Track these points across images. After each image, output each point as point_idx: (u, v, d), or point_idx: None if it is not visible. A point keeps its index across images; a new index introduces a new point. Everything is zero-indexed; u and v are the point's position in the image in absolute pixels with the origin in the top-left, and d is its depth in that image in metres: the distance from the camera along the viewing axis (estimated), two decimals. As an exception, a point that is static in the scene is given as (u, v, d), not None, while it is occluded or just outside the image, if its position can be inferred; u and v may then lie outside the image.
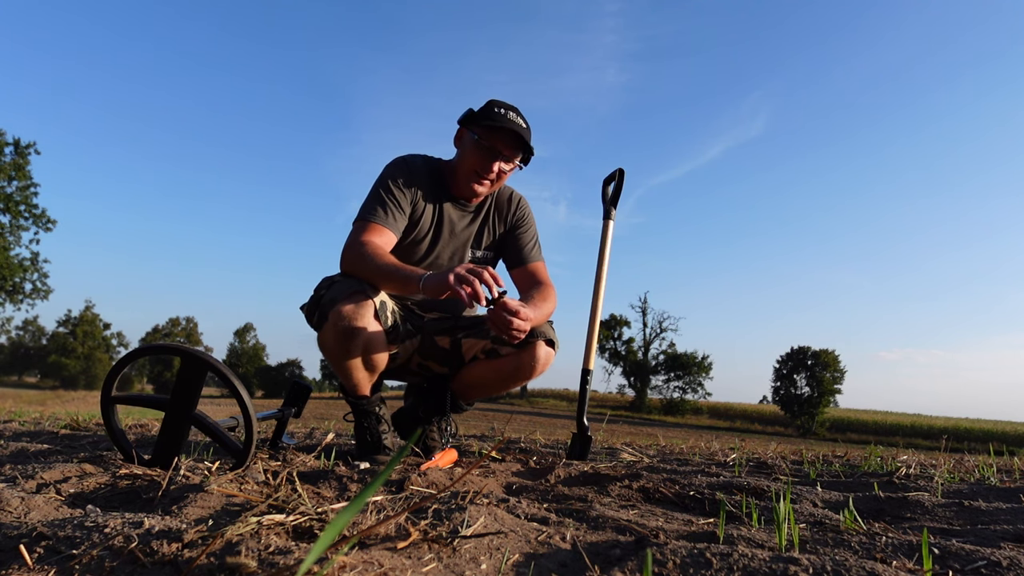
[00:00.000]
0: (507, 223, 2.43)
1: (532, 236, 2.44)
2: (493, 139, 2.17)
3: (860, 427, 43.04)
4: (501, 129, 2.16)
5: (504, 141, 2.18)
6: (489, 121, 2.14)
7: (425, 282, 1.82)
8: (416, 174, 2.23)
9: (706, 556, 0.87)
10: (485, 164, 2.18)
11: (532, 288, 2.33)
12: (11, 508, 1.04)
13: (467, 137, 2.21)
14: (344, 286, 2.00)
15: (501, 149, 2.18)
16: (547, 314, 2.24)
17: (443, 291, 1.76)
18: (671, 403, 53.22)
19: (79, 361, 59.82)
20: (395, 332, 2.17)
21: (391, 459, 0.69)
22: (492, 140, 2.17)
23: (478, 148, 2.17)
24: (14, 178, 35.15)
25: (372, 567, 0.74)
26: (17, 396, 20.90)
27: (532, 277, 2.37)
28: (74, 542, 0.76)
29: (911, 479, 2.08)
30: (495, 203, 2.41)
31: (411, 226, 2.25)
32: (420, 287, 1.83)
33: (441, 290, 1.77)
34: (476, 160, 2.18)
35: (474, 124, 2.18)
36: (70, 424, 3.32)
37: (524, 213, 2.45)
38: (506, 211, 2.42)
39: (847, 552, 1.02)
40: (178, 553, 0.73)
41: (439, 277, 1.80)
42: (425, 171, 2.26)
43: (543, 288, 2.33)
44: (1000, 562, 0.91)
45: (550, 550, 0.97)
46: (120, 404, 1.64)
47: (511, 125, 2.15)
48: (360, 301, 1.99)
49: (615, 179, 2.84)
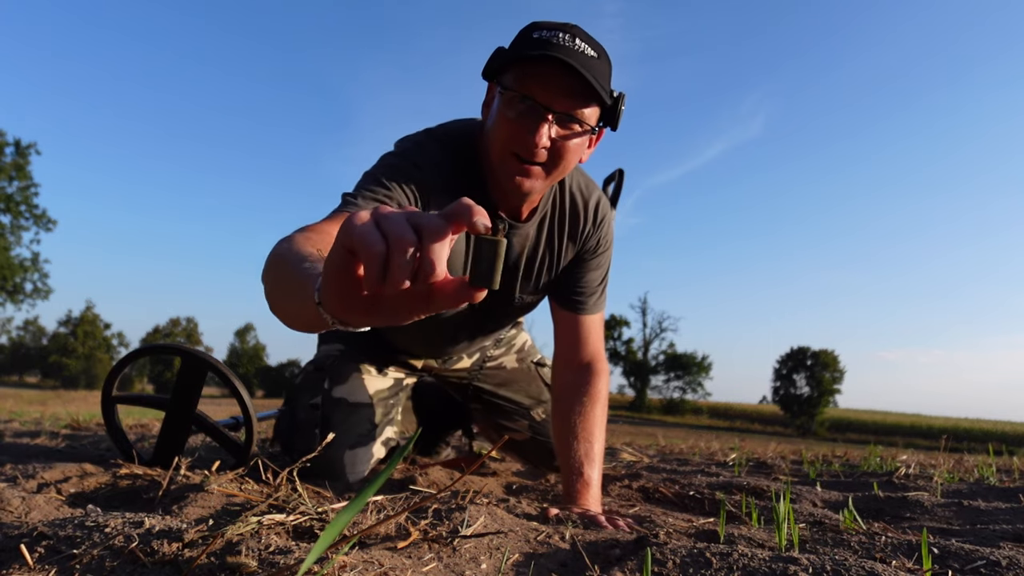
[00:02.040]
0: (578, 245, 1.52)
1: (603, 275, 1.58)
2: (530, 84, 1.20)
3: (860, 427, 43.03)
4: (544, 62, 1.18)
5: (552, 85, 1.20)
6: (525, 51, 1.20)
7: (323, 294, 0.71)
8: (430, 176, 1.33)
9: (706, 556, 0.87)
10: (521, 133, 1.22)
11: (579, 376, 1.52)
12: (12, 508, 1.04)
13: (496, 97, 1.27)
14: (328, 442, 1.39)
15: (548, 100, 1.20)
16: (601, 452, 1.49)
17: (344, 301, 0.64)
18: (671, 403, 53.26)
19: (79, 361, 59.83)
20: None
21: (391, 459, 0.69)
22: (529, 86, 1.20)
23: (509, 107, 1.23)
24: (15, 178, 35.18)
25: (372, 567, 0.75)
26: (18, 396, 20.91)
27: (582, 346, 1.55)
28: (75, 542, 0.76)
29: (911, 479, 2.08)
30: (559, 208, 1.48)
31: None
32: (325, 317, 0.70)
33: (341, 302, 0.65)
34: (507, 129, 1.24)
35: (505, 69, 1.24)
36: (71, 424, 3.32)
37: (605, 236, 1.55)
38: (581, 225, 1.50)
39: (847, 552, 1.02)
40: (179, 553, 0.73)
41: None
42: (449, 169, 1.37)
43: (595, 381, 1.52)
44: (999, 562, 0.91)
45: (550, 550, 0.97)
46: (120, 404, 1.64)
47: (563, 54, 1.16)
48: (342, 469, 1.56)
49: (615, 179, 2.84)
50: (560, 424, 1.49)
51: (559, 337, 1.57)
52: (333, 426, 1.63)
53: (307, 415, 1.67)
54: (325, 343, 1.82)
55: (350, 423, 1.65)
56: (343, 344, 1.77)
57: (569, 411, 1.48)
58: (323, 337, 1.82)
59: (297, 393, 1.73)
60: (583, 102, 1.23)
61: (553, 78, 1.20)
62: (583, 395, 1.49)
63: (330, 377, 1.70)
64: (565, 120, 1.23)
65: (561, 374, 1.55)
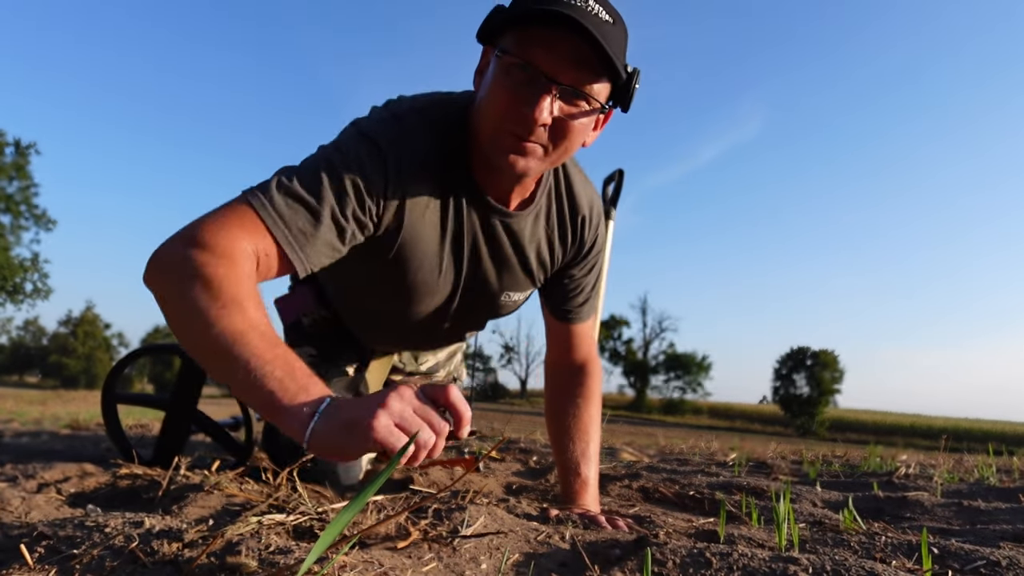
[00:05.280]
0: (573, 248, 1.38)
1: (594, 280, 1.47)
2: (533, 49, 1.02)
3: (860, 427, 43.02)
4: (551, 23, 1.00)
5: (559, 51, 1.01)
6: (528, 8, 1.01)
7: (314, 433, 0.77)
8: (403, 155, 1.14)
9: (706, 556, 0.87)
10: (518, 105, 1.03)
11: (572, 377, 1.48)
12: (12, 508, 1.04)
13: (492, 63, 1.08)
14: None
15: (553, 70, 1.02)
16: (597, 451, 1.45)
17: (351, 449, 0.76)
18: (671, 403, 53.24)
19: (79, 361, 59.81)
20: None
21: (391, 459, 0.69)
22: (531, 51, 1.02)
23: (506, 75, 1.04)
24: (15, 178, 35.18)
25: (372, 567, 0.75)
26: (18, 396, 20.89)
27: (574, 351, 1.49)
28: (75, 542, 0.77)
29: (910, 479, 2.08)
30: (558, 205, 1.33)
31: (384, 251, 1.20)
32: (306, 440, 0.78)
33: (346, 448, 0.76)
34: (503, 100, 1.05)
35: (504, 31, 1.06)
36: (71, 424, 3.32)
37: (600, 239, 1.42)
38: (580, 227, 1.36)
39: (847, 552, 1.02)
40: (179, 553, 0.73)
41: (347, 417, 0.76)
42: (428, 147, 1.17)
43: (588, 381, 1.48)
44: (999, 562, 0.91)
45: (550, 550, 0.97)
46: (120, 404, 1.64)
47: (575, 14, 0.98)
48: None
49: (615, 179, 2.84)
50: (555, 425, 1.47)
51: (551, 341, 1.51)
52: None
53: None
54: (295, 346, 1.60)
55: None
56: (314, 347, 1.63)
57: (563, 411, 1.46)
58: (291, 339, 1.64)
59: None
60: (594, 75, 1.04)
61: (561, 44, 1.01)
62: (576, 395, 1.46)
63: None
64: (571, 95, 1.05)
65: (553, 375, 1.52)
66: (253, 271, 0.97)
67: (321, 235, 1.04)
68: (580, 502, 1.36)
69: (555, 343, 1.50)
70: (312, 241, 1.03)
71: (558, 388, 1.50)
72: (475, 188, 1.21)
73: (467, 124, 1.19)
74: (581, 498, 1.37)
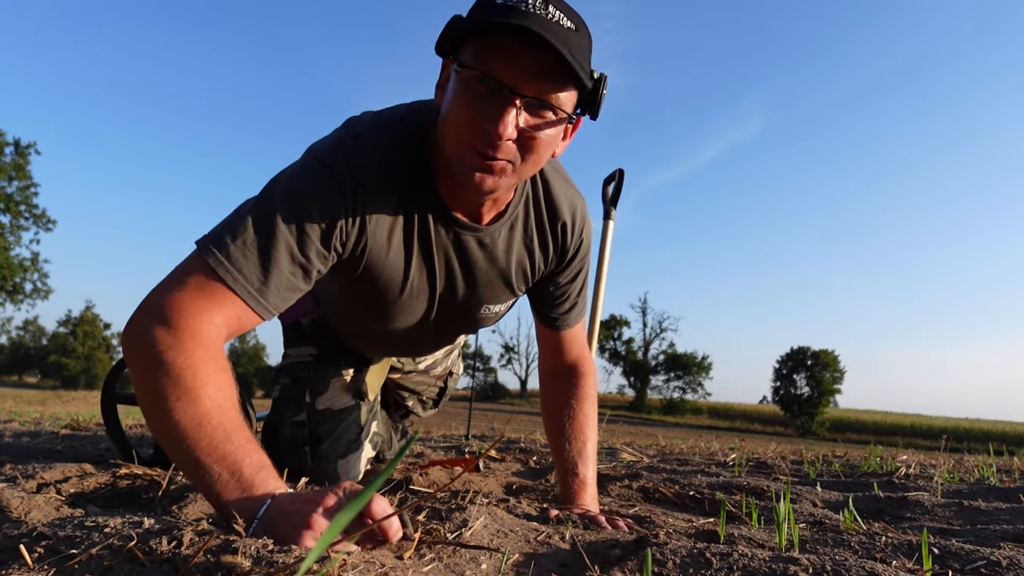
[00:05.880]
0: (555, 256, 1.36)
1: (580, 286, 1.45)
2: (492, 61, 0.99)
3: (860, 427, 43.02)
4: (509, 33, 0.96)
5: (520, 62, 0.98)
6: (485, 19, 0.98)
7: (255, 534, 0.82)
8: (364, 178, 1.11)
9: (706, 556, 0.87)
10: (481, 121, 1.00)
11: (566, 378, 1.48)
12: (11, 508, 1.04)
13: (451, 77, 1.05)
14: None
15: (514, 82, 0.98)
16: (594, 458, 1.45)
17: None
18: (671, 403, 53.24)
19: (79, 361, 59.81)
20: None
21: (391, 459, 0.69)
22: (491, 63, 0.99)
23: (467, 89, 1.01)
24: (14, 178, 35.19)
25: (372, 567, 0.75)
26: (17, 396, 20.91)
27: (565, 354, 1.49)
28: (74, 542, 0.76)
29: (911, 479, 2.08)
30: (535, 213, 1.30)
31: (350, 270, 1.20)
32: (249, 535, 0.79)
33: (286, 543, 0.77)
34: (464, 117, 1.02)
35: (463, 43, 1.03)
36: (70, 424, 3.32)
37: (584, 244, 1.40)
38: (560, 234, 1.33)
39: (847, 552, 1.02)
40: (176, 551, 0.73)
41: (282, 527, 0.81)
42: (391, 166, 1.14)
43: (582, 382, 1.48)
44: (999, 562, 0.91)
45: (550, 550, 0.97)
46: (120, 404, 1.64)
47: (533, 24, 0.94)
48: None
49: (615, 179, 2.84)
50: (551, 426, 1.48)
51: (542, 346, 1.52)
52: (323, 440, 1.58)
53: (293, 432, 1.60)
54: (294, 346, 1.68)
55: (339, 432, 1.60)
56: (313, 347, 1.65)
57: (559, 413, 1.46)
58: (290, 340, 1.69)
59: (278, 409, 1.63)
60: (558, 84, 1.01)
61: (521, 55, 0.97)
62: (571, 396, 1.47)
63: (311, 389, 1.61)
64: (536, 106, 1.01)
65: (547, 378, 1.52)
66: (220, 347, 1.00)
67: (282, 280, 1.06)
68: (578, 502, 1.36)
69: (546, 348, 1.51)
70: (273, 287, 1.05)
71: (552, 390, 1.50)
72: (441, 205, 1.19)
73: (430, 138, 1.17)
74: (579, 498, 1.37)
